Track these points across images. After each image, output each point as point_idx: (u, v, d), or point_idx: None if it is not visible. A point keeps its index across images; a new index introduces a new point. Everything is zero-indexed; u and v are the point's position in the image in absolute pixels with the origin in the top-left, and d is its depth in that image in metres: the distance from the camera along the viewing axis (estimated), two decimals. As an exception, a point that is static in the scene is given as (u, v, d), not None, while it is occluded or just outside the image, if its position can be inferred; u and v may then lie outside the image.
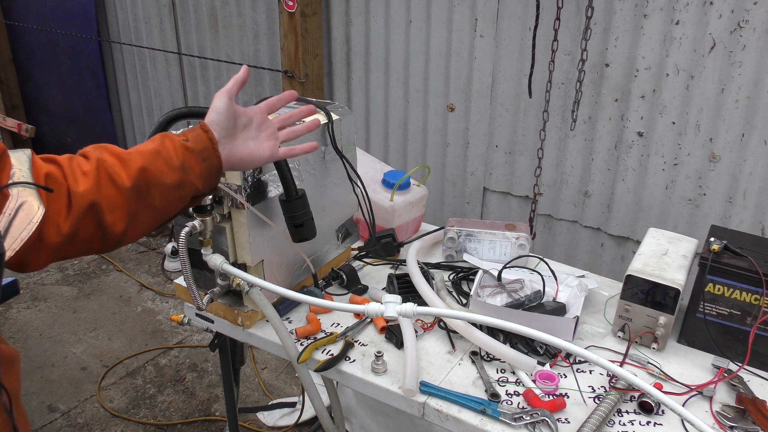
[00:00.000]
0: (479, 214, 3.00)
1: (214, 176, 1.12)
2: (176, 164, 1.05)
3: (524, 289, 1.67)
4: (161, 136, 1.08)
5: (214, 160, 1.10)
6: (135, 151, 1.04)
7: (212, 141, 1.10)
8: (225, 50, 3.69)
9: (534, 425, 1.25)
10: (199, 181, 1.09)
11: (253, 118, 1.20)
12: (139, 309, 3.55)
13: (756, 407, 1.27)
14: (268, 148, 1.20)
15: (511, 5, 2.56)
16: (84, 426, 2.76)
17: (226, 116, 1.13)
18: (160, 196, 1.04)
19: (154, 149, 1.05)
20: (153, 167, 1.03)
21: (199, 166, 1.08)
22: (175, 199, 1.08)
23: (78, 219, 0.94)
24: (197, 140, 1.09)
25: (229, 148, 1.14)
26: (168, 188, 1.05)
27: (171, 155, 1.05)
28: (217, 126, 1.12)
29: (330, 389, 1.91)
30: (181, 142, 1.07)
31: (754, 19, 2.05)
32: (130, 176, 1.00)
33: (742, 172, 2.23)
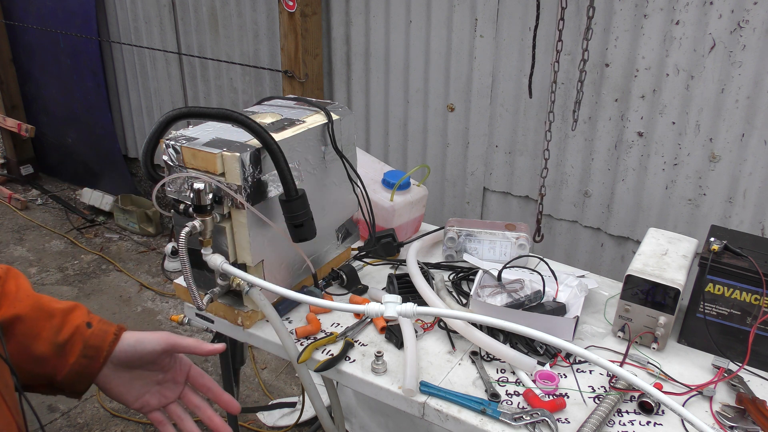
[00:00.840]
0: (479, 214, 3.00)
1: (83, 381, 0.93)
2: (59, 339, 0.90)
3: (524, 289, 1.67)
4: (76, 305, 0.95)
5: (95, 364, 0.93)
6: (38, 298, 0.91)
7: (109, 349, 0.93)
8: (225, 50, 3.69)
9: (534, 425, 1.25)
10: (63, 371, 0.91)
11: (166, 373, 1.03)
12: (139, 309, 3.55)
13: (756, 407, 1.27)
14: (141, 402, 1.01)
15: (511, 5, 2.56)
16: (84, 426, 2.76)
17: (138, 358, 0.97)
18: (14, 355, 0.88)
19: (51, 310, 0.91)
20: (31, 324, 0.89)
21: (75, 358, 0.91)
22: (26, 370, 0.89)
23: None
24: (99, 336, 0.93)
25: (112, 373, 0.96)
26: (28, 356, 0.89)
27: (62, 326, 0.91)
28: (122, 351, 0.95)
29: (330, 389, 1.91)
30: (83, 323, 0.93)
31: (754, 19, 2.05)
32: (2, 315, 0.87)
33: (742, 172, 2.23)
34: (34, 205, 4.80)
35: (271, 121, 1.53)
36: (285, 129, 1.49)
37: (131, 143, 4.68)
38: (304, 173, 1.54)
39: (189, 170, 1.39)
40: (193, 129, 1.48)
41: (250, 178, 1.38)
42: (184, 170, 1.39)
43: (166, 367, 1.02)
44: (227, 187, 1.35)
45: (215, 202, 1.36)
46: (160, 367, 1.02)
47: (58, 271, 3.91)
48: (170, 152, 1.40)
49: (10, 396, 0.78)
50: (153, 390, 1.02)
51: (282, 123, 1.52)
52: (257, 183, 1.40)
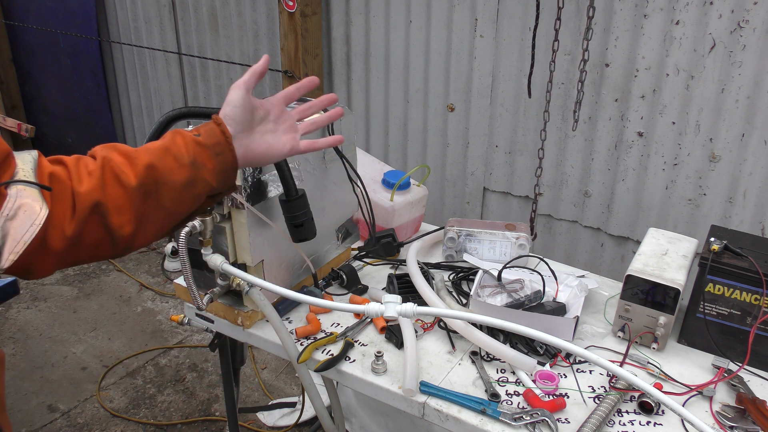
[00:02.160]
0: (479, 214, 3.00)
1: (230, 173, 1.05)
2: (186, 161, 0.98)
3: (524, 289, 1.67)
4: (172, 132, 1.01)
5: (228, 155, 1.02)
6: (144, 148, 0.98)
7: (226, 135, 1.02)
8: (225, 50, 3.69)
9: (534, 425, 1.25)
10: (212, 177, 1.01)
11: (270, 111, 1.12)
12: (139, 309, 3.55)
13: (756, 407, 1.27)
14: (287, 142, 1.13)
15: (511, 5, 2.56)
16: (84, 426, 2.76)
17: (241, 109, 1.05)
18: (170, 195, 0.98)
19: (163, 146, 0.98)
20: (161, 164, 0.96)
21: (211, 162, 1.01)
22: (186, 198, 1.01)
23: (82, 221, 0.89)
24: (210, 134, 1.01)
25: (246, 143, 1.06)
26: (178, 186, 0.98)
27: (181, 151, 0.98)
28: (231, 120, 1.04)
29: (330, 389, 1.91)
30: (193, 137, 1.00)
31: (754, 19, 2.05)
32: (136, 174, 0.94)
33: (742, 172, 2.23)
34: (34, 205, 4.79)
35: (271, 121, 1.53)
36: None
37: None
38: (304, 173, 1.54)
39: (189, 170, 1.38)
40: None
41: (250, 178, 1.38)
42: (184, 170, 1.39)
43: (265, 107, 1.11)
44: (227, 187, 1.35)
45: (215, 202, 1.36)
46: (263, 110, 1.11)
47: (58, 271, 3.91)
48: (170, 152, 1.40)
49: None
50: (280, 129, 1.13)
51: (282, 123, 1.52)
52: (257, 183, 1.40)
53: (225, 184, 1.06)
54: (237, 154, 1.04)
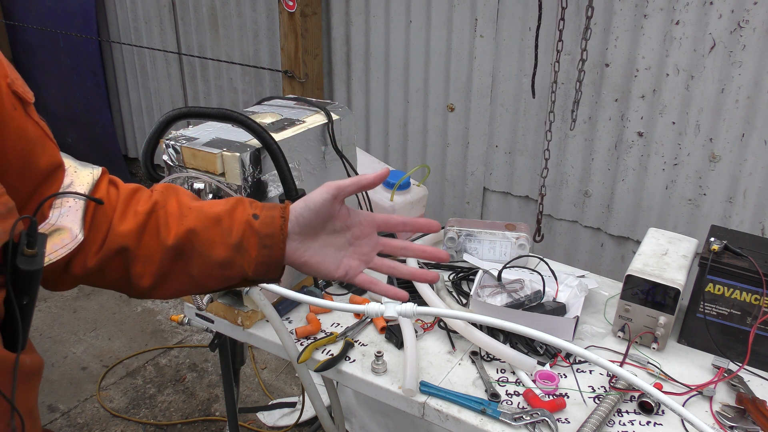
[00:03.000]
0: (479, 214, 3.00)
1: (271, 268, 0.94)
2: (232, 241, 0.91)
3: (524, 289, 1.67)
4: (236, 201, 0.94)
5: (276, 251, 0.93)
6: (198, 207, 0.92)
7: (282, 231, 0.92)
8: (225, 50, 3.69)
9: (534, 425, 1.25)
10: (251, 267, 0.92)
11: (353, 227, 0.99)
12: (139, 309, 3.55)
13: (756, 407, 1.27)
14: (344, 268, 1.00)
15: (511, 5, 2.56)
16: (84, 426, 2.76)
17: (314, 215, 0.94)
18: (200, 266, 0.91)
19: (217, 215, 0.91)
20: (204, 234, 0.90)
21: (256, 252, 0.92)
22: (217, 276, 0.93)
23: (106, 259, 0.86)
24: (268, 223, 0.92)
25: (298, 246, 0.95)
26: (213, 263, 0.91)
27: (232, 228, 0.91)
28: (297, 218, 0.93)
29: (330, 389, 1.91)
30: (249, 218, 0.92)
31: (754, 19, 2.05)
32: (176, 234, 0.89)
33: (742, 172, 2.23)
34: (34, 205, 4.80)
35: (271, 121, 1.53)
36: (285, 129, 1.49)
37: (131, 143, 4.68)
38: (304, 173, 1.54)
39: (189, 170, 1.39)
40: (193, 129, 1.48)
41: (250, 178, 1.38)
42: (184, 170, 1.39)
43: (347, 220, 0.99)
44: (227, 187, 1.35)
45: (215, 202, 1.36)
46: (342, 223, 0.98)
47: (58, 271, 3.91)
48: (170, 152, 1.40)
49: None
50: (349, 252, 1.00)
51: (282, 123, 1.52)
52: (257, 183, 1.40)
53: (263, 276, 0.96)
54: (285, 252, 0.94)
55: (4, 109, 0.71)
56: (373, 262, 1.02)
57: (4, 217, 0.67)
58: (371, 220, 1.00)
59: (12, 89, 0.72)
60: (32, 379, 0.80)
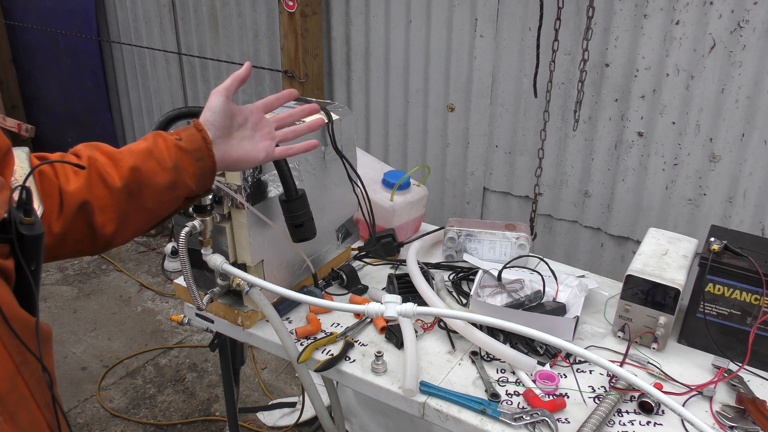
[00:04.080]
0: (479, 214, 3.00)
1: (208, 177, 1.09)
2: (169, 164, 1.02)
3: (524, 289, 1.67)
4: (154, 135, 1.05)
5: (207, 160, 1.07)
6: (126, 150, 1.02)
7: (206, 140, 1.07)
8: (225, 50, 3.69)
9: (534, 425, 1.25)
10: (192, 181, 1.06)
11: (249, 118, 1.17)
12: (139, 309, 3.55)
13: (756, 407, 1.27)
14: (263, 149, 1.17)
15: (511, 5, 2.56)
16: (84, 426, 2.76)
17: (221, 115, 1.11)
18: (151, 196, 1.02)
19: (146, 148, 1.02)
20: (145, 167, 1.00)
21: (192, 166, 1.05)
22: (167, 200, 1.05)
23: (69, 219, 0.92)
24: (191, 139, 1.06)
25: (224, 148, 1.11)
26: (160, 189, 1.02)
27: (164, 155, 1.02)
28: (211, 125, 1.09)
29: (330, 389, 1.91)
30: (174, 141, 1.04)
31: (754, 19, 2.05)
32: (121, 176, 0.97)
33: (742, 172, 2.23)
34: (34, 205, 4.79)
35: (271, 121, 1.53)
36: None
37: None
38: (304, 173, 1.54)
39: (189, 170, 1.38)
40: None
41: (250, 178, 1.38)
42: (184, 170, 1.39)
43: (244, 114, 1.16)
44: (227, 187, 1.35)
45: (215, 202, 1.36)
46: (242, 117, 1.16)
47: (58, 271, 3.91)
48: (170, 152, 1.40)
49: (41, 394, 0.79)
50: (257, 136, 1.17)
51: (282, 123, 1.52)
52: (257, 183, 1.40)
53: (203, 186, 1.10)
54: (215, 158, 1.08)
55: None
56: (278, 136, 1.21)
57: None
58: (256, 107, 1.19)
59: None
60: (49, 341, 0.87)
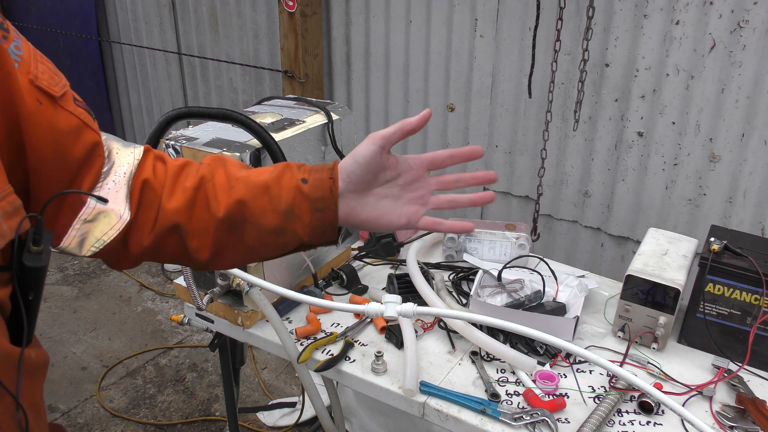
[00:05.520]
0: (479, 214, 3.00)
1: (326, 231, 0.92)
2: (282, 207, 0.89)
3: (524, 289, 1.67)
4: (284, 166, 0.92)
5: (329, 213, 0.90)
6: (245, 177, 0.91)
7: (333, 193, 0.90)
8: (225, 50, 3.69)
9: (534, 425, 1.25)
10: (305, 232, 0.91)
11: (404, 174, 0.95)
12: (139, 309, 3.55)
13: (756, 407, 1.27)
14: (407, 215, 0.95)
15: (511, 5, 2.56)
16: (84, 426, 2.76)
17: (365, 169, 0.91)
18: (255, 235, 0.91)
19: (264, 183, 0.90)
20: (254, 204, 0.89)
21: (308, 216, 0.90)
22: (272, 244, 0.93)
23: (160, 236, 0.87)
24: (317, 186, 0.90)
25: (354, 205, 0.92)
26: (265, 231, 0.90)
27: (280, 195, 0.89)
28: (348, 176, 0.91)
29: (330, 389, 1.91)
30: (298, 182, 0.90)
31: (754, 19, 2.05)
32: (226, 206, 0.88)
33: (742, 172, 2.23)
34: (34, 205, 4.79)
35: (271, 121, 1.53)
36: (285, 129, 1.49)
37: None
38: (304, 173, 1.53)
39: (189, 170, 1.38)
40: (193, 129, 1.48)
41: (250, 178, 1.38)
42: (184, 170, 1.39)
43: (397, 168, 0.95)
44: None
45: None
46: (393, 172, 0.94)
47: (58, 271, 3.91)
48: (170, 152, 1.40)
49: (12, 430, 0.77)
50: (405, 199, 0.96)
51: (282, 123, 1.52)
52: (257, 183, 1.40)
53: (319, 240, 0.94)
54: (339, 214, 0.91)
55: (26, 106, 0.71)
56: (431, 202, 0.97)
57: (10, 215, 0.68)
58: (419, 162, 0.96)
59: (35, 85, 0.73)
60: (37, 373, 0.80)
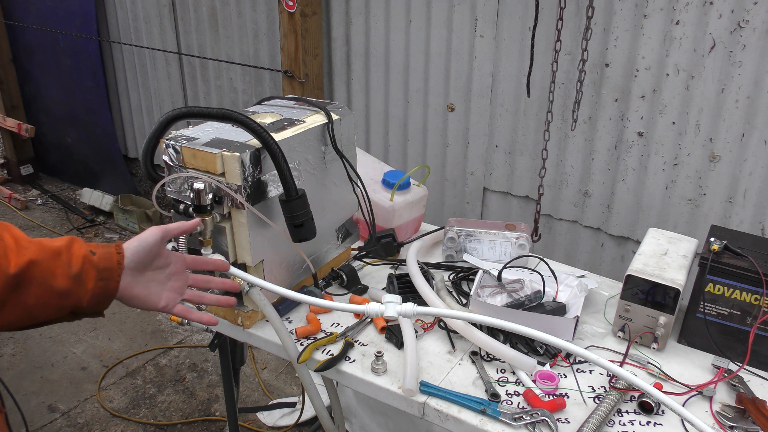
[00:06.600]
0: (479, 214, 3.00)
1: (104, 300, 1.04)
2: (73, 272, 0.99)
3: (524, 289, 1.67)
4: (71, 239, 1.03)
5: (111, 283, 1.04)
6: (37, 241, 0.99)
7: (119, 265, 1.04)
8: (225, 50, 3.69)
9: (534, 425, 1.25)
10: (86, 297, 1.01)
11: (170, 265, 1.16)
12: (138, 309, 3.55)
13: (756, 407, 1.27)
14: (165, 299, 1.15)
15: (511, 5, 2.56)
16: (84, 426, 2.76)
17: (146, 252, 1.10)
18: (38, 296, 0.97)
19: (56, 248, 0.99)
20: (45, 264, 0.97)
21: (93, 283, 1.01)
22: (52, 306, 0.99)
23: None
24: (105, 258, 1.03)
25: (130, 281, 1.08)
26: (52, 292, 0.97)
27: (70, 260, 0.99)
28: (132, 255, 1.07)
29: (330, 389, 1.91)
30: (88, 252, 1.01)
31: (754, 19, 2.05)
32: (17, 264, 0.94)
33: (742, 172, 2.23)
34: (34, 205, 4.80)
35: (271, 121, 1.53)
36: (285, 129, 1.49)
37: (131, 143, 4.68)
38: (304, 173, 1.54)
39: (189, 170, 1.39)
40: (193, 129, 1.48)
41: (250, 178, 1.38)
42: (184, 170, 1.39)
43: (168, 258, 1.15)
44: (227, 187, 1.35)
45: (215, 202, 1.36)
46: (164, 260, 1.15)
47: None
48: (170, 152, 1.40)
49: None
50: (167, 286, 1.16)
51: (282, 123, 1.52)
52: (257, 183, 1.40)
53: (95, 308, 1.05)
54: (119, 286, 1.05)
55: None
56: (186, 294, 1.20)
57: None
58: (182, 259, 1.19)
59: None
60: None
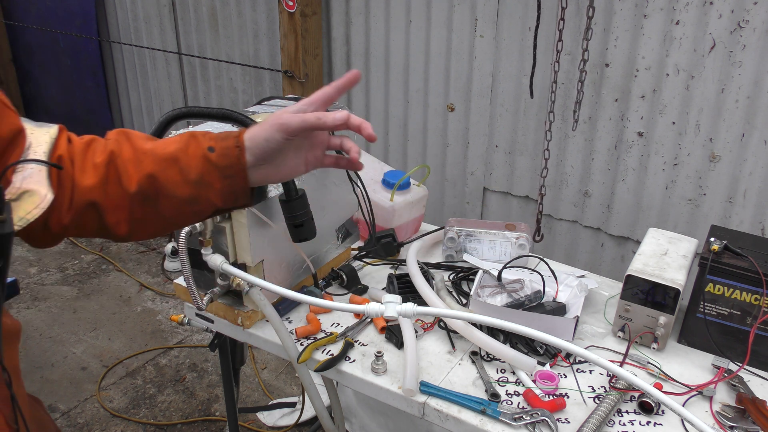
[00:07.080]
0: (479, 214, 3.00)
1: (239, 195, 0.96)
2: (192, 177, 0.92)
3: (524, 289, 1.67)
4: (188, 137, 0.94)
5: (239, 179, 0.94)
6: (152, 149, 0.93)
7: (240, 160, 0.93)
8: (225, 50, 3.69)
9: (534, 425, 1.25)
10: (218, 198, 0.95)
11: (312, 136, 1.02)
12: (139, 309, 3.55)
13: (756, 407, 1.27)
14: (310, 164, 1.03)
15: (511, 5, 2.56)
16: (84, 426, 2.76)
17: (270, 150, 0.95)
18: (170, 206, 0.93)
19: (172, 155, 0.92)
20: (163, 176, 0.91)
21: (219, 183, 0.93)
22: (187, 212, 0.96)
23: (78, 213, 0.89)
24: (224, 155, 0.93)
25: (261, 170, 0.96)
26: (179, 201, 0.93)
27: (189, 165, 0.92)
28: (253, 152, 0.94)
29: (330, 389, 1.91)
30: (205, 152, 0.93)
31: (754, 19, 2.05)
32: (137, 180, 0.90)
33: (742, 172, 2.23)
34: (34, 205, 4.79)
35: (271, 121, 1.53)
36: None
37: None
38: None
39: (189, 170, 1.38)
40: (193, 129, 1.48)
41: (250, 178, 1.38)
42: (184, 170, 1.39)
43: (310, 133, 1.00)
44: (227, 187, 1.35)
45: (215, 202, 1.36)
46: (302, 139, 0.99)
47: (58, 271, 3.91)
48: (170, 152, 1.40)
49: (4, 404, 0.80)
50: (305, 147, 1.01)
51: (282, 123, 1.52)
52: (257, 183, 1.40)
53: (234, 204, 0.98)
54: (251, 178, 0.96)
55: None
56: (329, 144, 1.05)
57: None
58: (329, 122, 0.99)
59: None
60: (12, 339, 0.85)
